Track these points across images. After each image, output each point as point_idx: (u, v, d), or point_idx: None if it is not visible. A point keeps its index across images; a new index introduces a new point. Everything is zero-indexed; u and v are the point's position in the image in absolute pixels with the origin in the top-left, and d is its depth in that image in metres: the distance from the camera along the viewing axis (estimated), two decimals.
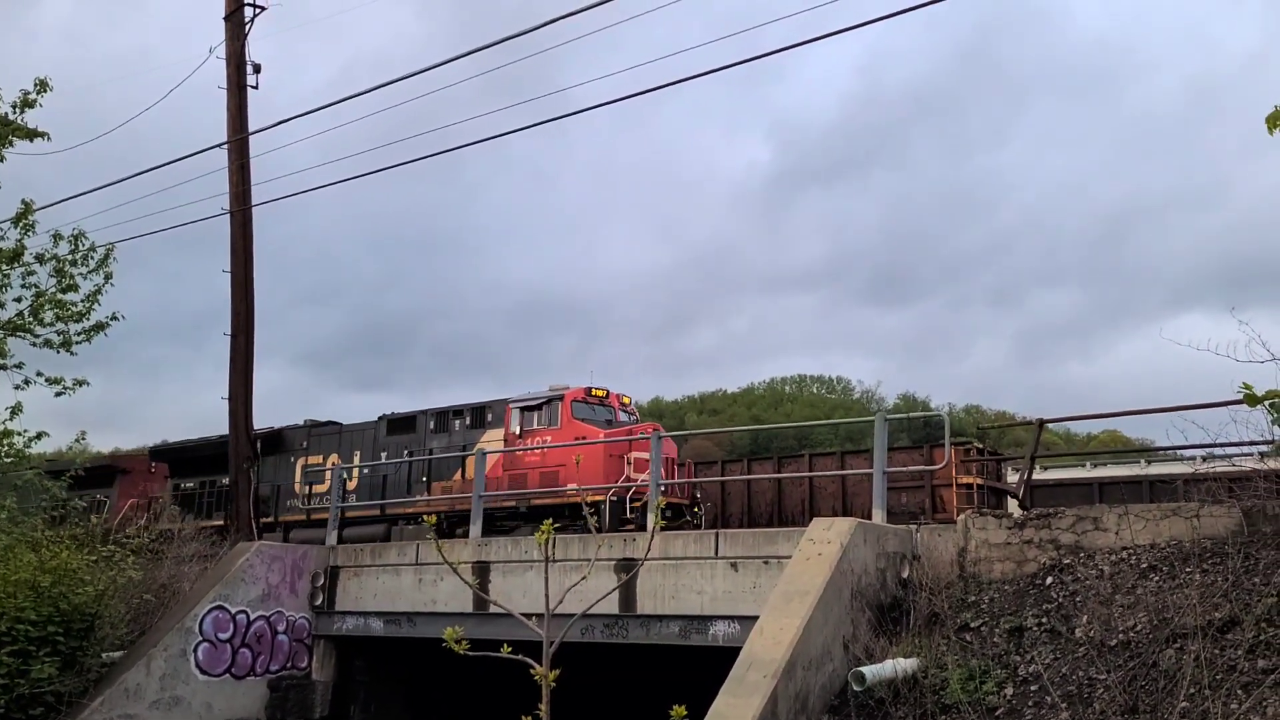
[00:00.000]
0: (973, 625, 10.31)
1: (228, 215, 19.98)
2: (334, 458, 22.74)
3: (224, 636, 16.12)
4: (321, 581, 17.12)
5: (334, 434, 23.59)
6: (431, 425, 21.48)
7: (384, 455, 22.06)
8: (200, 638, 15.78)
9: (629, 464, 18.55)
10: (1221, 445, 11.08)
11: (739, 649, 10.28)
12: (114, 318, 16.09)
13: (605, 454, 18.53)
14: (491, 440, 20.13)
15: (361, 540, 19.39)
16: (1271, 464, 10.34)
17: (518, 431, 19.74)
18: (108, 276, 15.94)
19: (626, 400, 20.70)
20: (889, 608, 11.05)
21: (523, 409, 19.89)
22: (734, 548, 12.86)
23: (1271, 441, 10.61)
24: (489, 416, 20.60)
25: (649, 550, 13.15)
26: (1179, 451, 14.30)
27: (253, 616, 16.46)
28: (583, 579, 6.68)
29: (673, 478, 19.41)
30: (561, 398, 19.46)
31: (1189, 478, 13.61)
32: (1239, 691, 7.99)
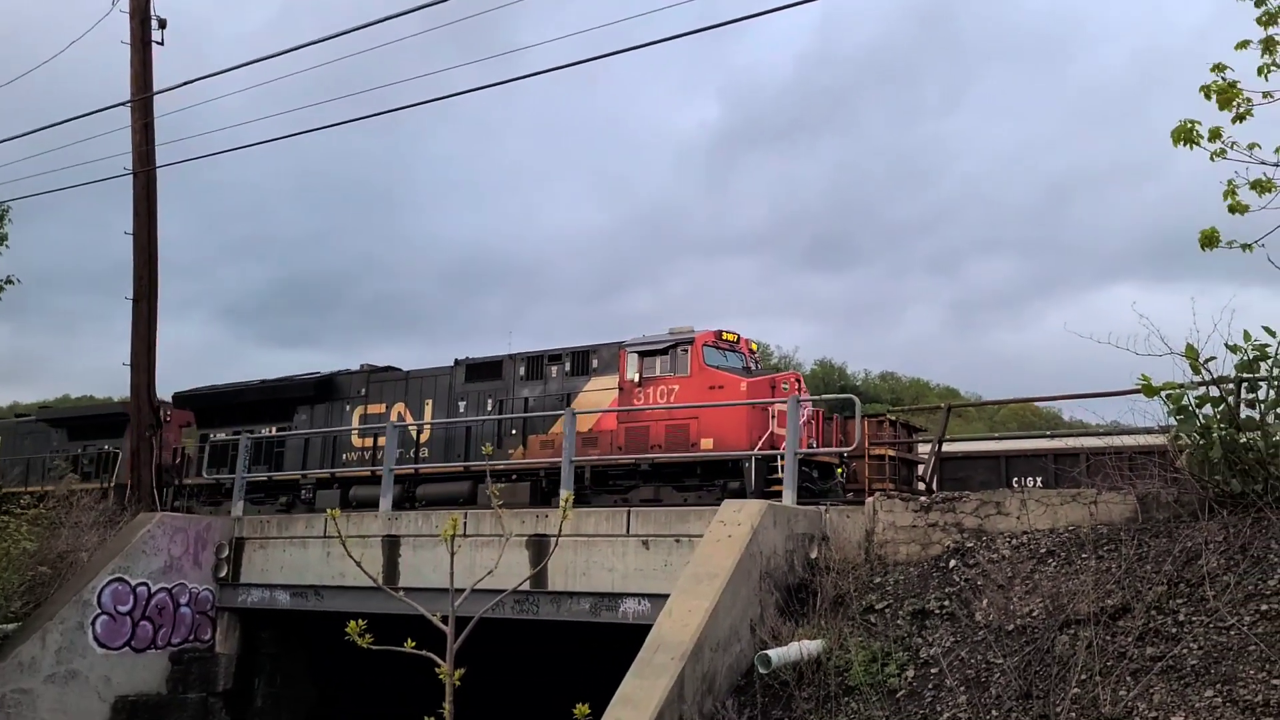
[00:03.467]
0: (877, 607, 10.48)
1: (130, 176, 19.26)
2: (399, 406, 20.79)
3: (124, 609, 15.73)
4: (226, 553, 16.78)
5: (399, 380, 21.38)
6: (522, 372, 19.46)
7: (462, 404, 20.04)
8: (98, 610, 15.37)
9: (773, 417, 16.55)
10: (1119, 433, 11.40)
11: (649, 626, 10.33)
12: (8, 281, 15.45)
13: (748, 405, 16.70)
14: (598, 389, 18.28)
15: (442, 502, 18.15)
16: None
17: (636, 379, 17.73)
18: (2, 238, 15.28)
19: (754, 347, 18.75)
20: (796, 589, 11.18)
21: (642, 353, 17.88)
22: (646, 525, 12.90)
23: (1167, 429, 10.92)
24: (594, 362, 18.63)
25: (561, 528, 13.12)
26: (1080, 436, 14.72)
27: (154, 589, 16.08)
28: (489, 573, 6.58)
29: (819, 434, 17.41)
30: (692, 341, 17.53)
31: (1091, 451, 14.06)
32: (1128, 678, 8.25)
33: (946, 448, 16.84)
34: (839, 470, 17.44)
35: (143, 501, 19.05)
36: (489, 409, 19.54)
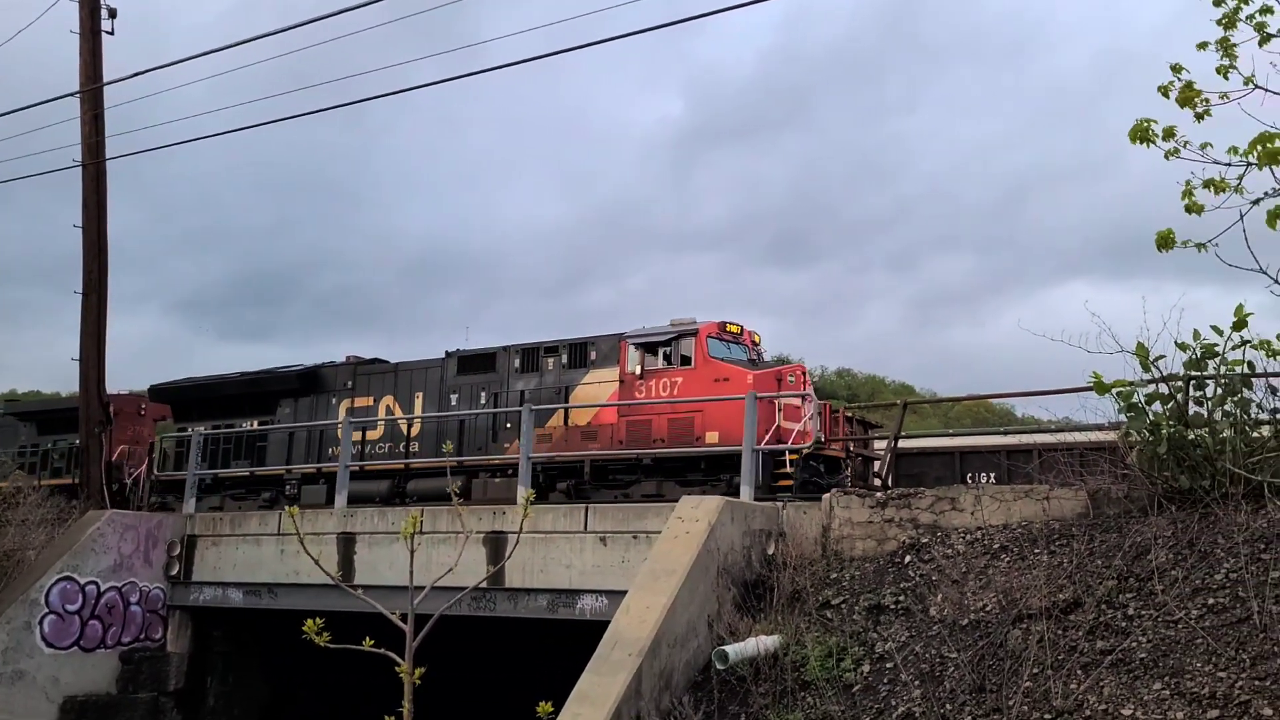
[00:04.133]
0: (834, 603, 10.55)
1: (80, 168, 18.92)
2: (388, 400, 20.27)
3: (72, 608, 15.50)
4: (178, 551, 16.58)
5: (387, 373, 20.85)
6: (517, 364, 18.97)
7: (454, 397, 19.48)
8: (46, 609, 15.15)
9: (779, 411, 16.33)
10: (1071, 430, 11.56)
11: (607, 623, 10.33)
12: None
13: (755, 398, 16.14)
14: (597, 381, 17.86)
15: (434, 497, 17.67)
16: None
17: (637, 372, 17.24)
18: None
19: (757, 339, 18.17)
20: (754, 585, 11.22)
21: (643, 345, 17.39)
22: (604, 522, 12.90)
23: (1117, 426, 11.09)
24: (592, 354, 18.16)
25: (522, 525, 13.07)
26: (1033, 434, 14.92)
27: (104, 587, 15.86)
28: (449, 571, 6.54)
29: (826, 425, 16.85)
30: (695, 332, 17.07)
31: (1044, 448, 14.26)
32: (1078, 672, 8.36)
33: (902, 444, 16.94)
34: (846, 464, 17.06)
35: (92, 499, 18.74)
36: (483, 402, 19.11)
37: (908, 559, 10.82)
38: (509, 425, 18.65)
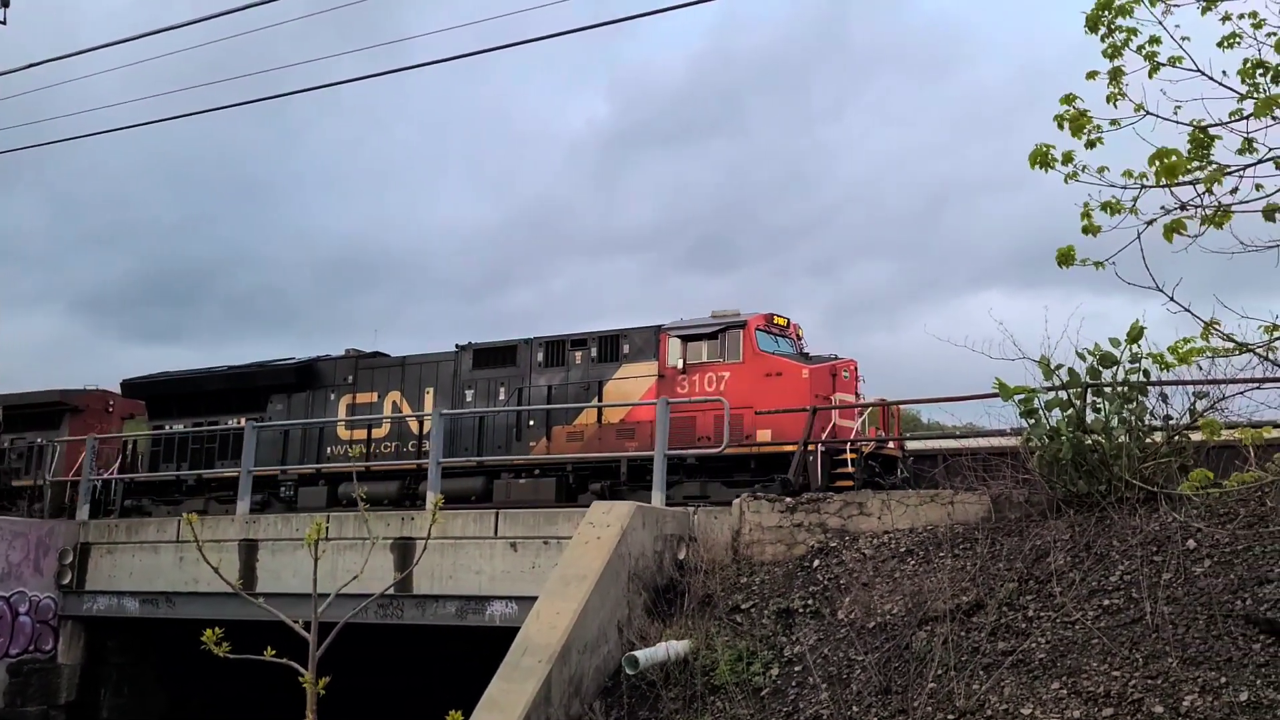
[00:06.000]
0: (743, 607, 10.61)
1: None
2: (394, 395, 19.27)
3: None
4: (70, 559, 15.98)
5: (392, 367, 19.82)
6: (540, 358, 18.09)
7: (469, 393, 18.56)
8: None
9: (835, 409, 15.72)
10: (974, 435, 11.83)
11: (517, 629, 10.24)
12: None
13: (811, 395, 15.51)
14: (632, 376, 17.10)
15: (451, 498, 16.15)
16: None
17: (680, 366, 16.50)
18: None
19: (800, 332, 17.42)
20: (665, 590, 11.23)
21: (686, 338, 16.65)
22: (514, 528, 12.80)
23: (1019, 432, 11.37)
24: (625, 348, 17.35)
25: (430, 531, 12.90)
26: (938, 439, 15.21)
27: None
28: (354, 578, 6.42)
29: (884, 424, 16.40)
30: (743, 324, 16.30)
31: (949, 453, 14.54)
32: (981, 672, 8.54)
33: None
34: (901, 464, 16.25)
35: None
36: (502, 398, 18.25)
37: (816, 563, 10.94)
38: (531, 423, 17.83)
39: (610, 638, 10.37)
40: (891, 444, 15.95)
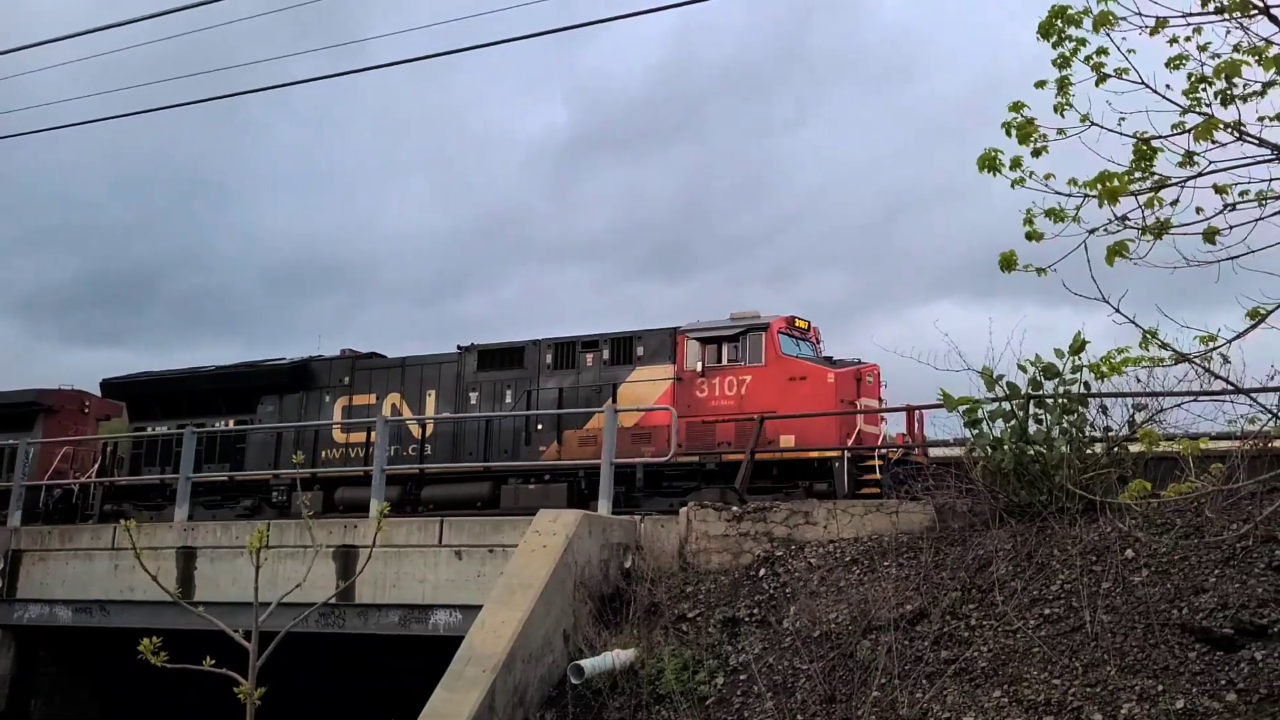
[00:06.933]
0: (690, 616, 10.60)
1: None
2: (393, 397, 18.79)
3: None
4: (1, 567, 15.57)
5: (391, 368, 19.33)
6: (549, 360, 17.70)
7: (474, 396, 18.12)
8: None
9: (859, 415, 15.55)
10: (925, 446, 11.93)
11: (461, 638, 10.14)
12: None
13: (837, 400, 15.29)
14: (646, 379, 16.73)
15: (455, 505, 16.23)
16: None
17: (699, 369, 16.17)
18: None
19: (820, 336, 17.22)
20: (611, 598, 11.19)
21: (705, 340, 16.32)
22: (459, 536, 12.68)
23: (963, 442, 11.51)
24: (639, 350, 16.97)
25: (375, 539, 12.73)
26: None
27: None
28: (296, 586, 6.31)
29: (909, 428, 15.93)
30: (765, 327, 15.98)
31: (896, 459, 14.66)
32: (924, 681, 8.61)
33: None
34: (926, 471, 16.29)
35: None
36: (508, 401, 17.86)
37: (762, 572, 10.97)
38: (539, 427, 17.49)
39: (556, 647, 10.31)
40: (917, 451, 15.57)
